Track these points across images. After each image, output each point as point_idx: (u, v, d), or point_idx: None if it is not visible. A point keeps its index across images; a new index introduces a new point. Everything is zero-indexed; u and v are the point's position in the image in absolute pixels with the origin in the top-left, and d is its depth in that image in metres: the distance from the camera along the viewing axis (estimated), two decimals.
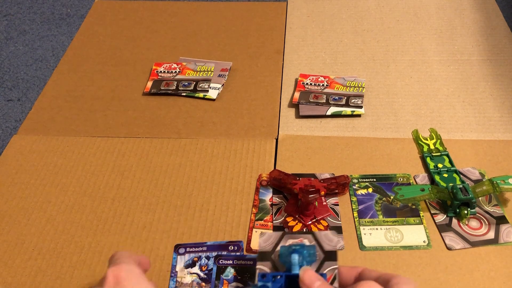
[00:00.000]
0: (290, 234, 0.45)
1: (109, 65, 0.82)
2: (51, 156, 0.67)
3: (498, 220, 0.57)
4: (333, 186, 0.59)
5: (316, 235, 0.45)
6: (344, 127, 0.69)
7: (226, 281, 0.52)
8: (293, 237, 0.45)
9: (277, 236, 0.45)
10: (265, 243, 0.45)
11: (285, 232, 0.46)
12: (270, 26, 0.89)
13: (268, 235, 0.45)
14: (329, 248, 0.44)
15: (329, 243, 0.44)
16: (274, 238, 0.45)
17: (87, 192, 0.62)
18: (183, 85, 0.76)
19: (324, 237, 0.45)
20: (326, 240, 0.45)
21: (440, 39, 0.84)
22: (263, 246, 0.45)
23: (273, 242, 0.45)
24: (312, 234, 0.45)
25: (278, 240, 0.45)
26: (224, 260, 0.53)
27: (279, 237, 0.45)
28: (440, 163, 0.62)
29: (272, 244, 0.45)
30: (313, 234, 0.45)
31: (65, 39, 1.24)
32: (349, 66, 0.79)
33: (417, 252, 0.54)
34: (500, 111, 0.70)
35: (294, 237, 0.45)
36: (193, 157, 0.65)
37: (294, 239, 0.45)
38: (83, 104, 0.75)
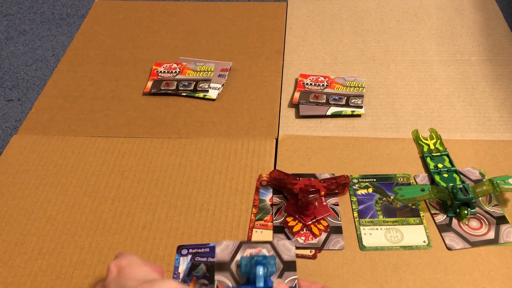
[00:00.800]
0: (248, 243, 0.45)
1: (109, 65, 0.82)
2: (51, 156, 0.67)
3: (498, 220, 0.57)
4: (333, 186, 0.59)
5: (274, 244, 0.44)
6: (344, 127, 0.69)
7: (194, 277, 0.51)
8: (251, 246, 0.44)
9: (234, 245, 0.45)
10: (222, 252, 0.44)
11: (242, 242, 0.45)
12: (270, 26, 0.89)
13: (225, 244, 0.45)
14: (288, 258, 0.44)
15: (287, 253, 0.44)
16: (231, 248, 0.45)
17: (87, 192, 0.62)
18: (183, 85, 0.76)
19: (282, 246, 0.44)
20: (284, 250, 0.44)
21: (440, 39, 0.84)
22: (220, 256, 0.44)
23: (231, 251, 0.44)
24: (270, 244, 0.44)
25: (236, 250, 0.44)
26: (200, 257, 0.52)
27: (236, 246, 0.45)
28: (440, 163, 0.62)
29: (230, 253, 0.44)
30: (271, 243, 0.45)
31: (65, 39, 1.25)
32: (349, 66, 0.79)
33: (417, 252, 0.54)
34: (500, 111, 0.70)
35: (252, 246, 0.45)
36: (193, 157, 0.65)
37: (252, 249, 0.44)
38: (83, 104, 0.75)
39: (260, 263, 0.42)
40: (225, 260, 0.44)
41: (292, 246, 0.45)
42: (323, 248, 0.55)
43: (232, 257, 0.44)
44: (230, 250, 0.45)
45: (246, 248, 0.45)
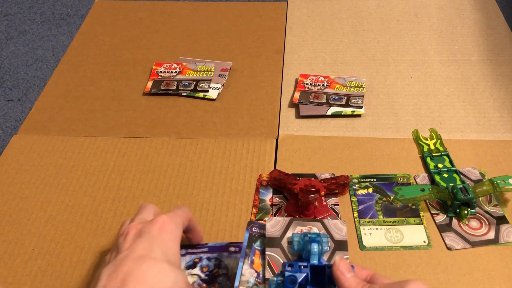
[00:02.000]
0: (299, 220, 0.44)
1: (109, 65, 0.82)
2: (51, 156, 0.67)
3: (498, 220, 0.57)
4: (333, 186, 0.59)
5: (325, 223, 0.44)
6: (344, 127, 0.69)
7: (257, 251, 0.48)
8: (302, 223, 0.44)
9: (285, 222, 0.44)
10: (272, 228, 0.44)
11: (293, 218, 0.45)
12: (270, 26, 0.89)
13: (276, 220, 0.44)
14: (339, 238, 0.44)
15: (339, 232, 0.44)
16: (282, 224, 0.44)
17: (87, 192, 0.62)
18: (183, 85, 0.76)
19: (333, 225, 0.44)
20: (335, 229, 0.44)
21: (441, 39, 0.84)
22: (271, 232, 0.44)
23: (281, 228, 0.44)
24: (321, 222, 0.44)
25: (287, 226, 0.44)
26: (257, 228, 0.49)
27: (287, 223, 0.44)
28: (440, 163, 0.62)
29: (280, 230, 0.44)
30: (321, 222, 0.45)
31: (65, 39, 1.25)
32: (349, 66, 0.79)
33: (417, 252, 0.54)
34: (500, 111, 0.70)
35: (303, 224, 0.44)
36: (193, 157, 0.65)
37: (303, 226, 0.44)
38: (83, 104, 0.75)
39: (314, 240, 0.41)
40: (276, 236, 0.44)
41: (343, 226, 0.45)
42: None
43: (282, 233, 0.44)
44: (280, 226, 0.45)
45: (296, 225, 0.45)
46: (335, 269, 0.39)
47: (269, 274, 0.42)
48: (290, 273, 0.40)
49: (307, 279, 0.41)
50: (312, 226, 0.44)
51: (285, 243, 0.44)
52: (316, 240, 0.42)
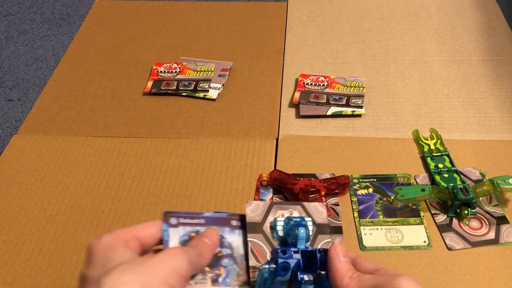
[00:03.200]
0: (278, 204, 0.43)
1: (109, 65, 0.82)
2: (51, 156, 0.67)
3: (498, 220, 0.56)
4: (333, 186, 0.59)
5: (305, 206, 0.43)
6: (345, 127, 0.69)
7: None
8: (282, 207, 0.43)
9: (265, 206, 0.42)
10: (253, 213, 0.42)
11: (273, 202, 0.43)
12: (270, 26, 0.89)
13: (256, 204, 0.42)
14: (320, 221, 0.42)
15: (319, 215, 0.42)
16: (262, 208, 0.42)
17: (87, 192, 0.62)
18: (183, 85, 0.76)
19: (313, 209, 0.43)
20: (316, 212, 0.42)
21: (441, 39, 0.84)
22: (251, 217, 0.42)
23: (262, 212, 0.42)
24: (301, 205, 0.43)
25: (267, 211, 0.42)
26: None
27: (267, 207, 0.42)
28: (440, 163, 0.62)
29: (261, 214, 0.42)
30: (302, 205, 0.43)
31: (66, 39, 1.25)
32: (349, 66, 0.79)
33: (417, 252, 0.54)
34: (501, 111, 0.70)
35: (283, 207, 0.43)
36: (193, 157, 0.65)
37: (284, 210, 0.42)
38: (84, 104, 0.75)
39: (300, 224, 0.40)
40: (257, 221, 0.42)
41: (323, 209, 0.43)
42: None
43: (263, 218, 0.42)
44: (261, 211, 0.43)
45: (277, 209, 0.43)
46: (332, 249, 0.37)
47: (253, 262, 0.40)
48: (283, 260, 0.38)
49: (298, 265, 0.39)
50: (293, 210, 0.43)
51: (267, 229, 0.42)
52: (302, 224, 0.40)
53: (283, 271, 0.38)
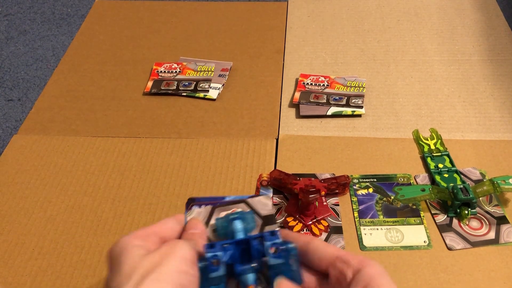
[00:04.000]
0: (221, 206, 0.42)
1: (109, 65, 0.82)
2: (51, 156, 0.67)
3: (498, 220, 0.56)
4: (333, 186, 0.59)
5: (249, 202, 0.42)
6: (345, 127, 0.69)
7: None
8: (225, 208, 0.42)
9: (207, 211, 0.41)
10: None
11: (214, 206, 0.42)
12: (270, 26, 0.89)
13: (197, 212, 0.41)
14: (266, 213, 0.41)
15: (264, 207, 0.42)
16: (204, 214, 0.41)
17: (87, 192, 0.62)
18: (183, 85, 0.76)
19: (258, 203, 0.42)
20: (261, 206, 0.42)
21: (441, 39, 0.84)
22: None
23: (204, 217, 0.41)
24: (244, 203, 0.42)
25: (209, 215, 0.41)
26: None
27: (209, 211, 0.41)
28: (440, 163, 0.62)
29: (203, 220, 0.41)
30: (245, 202, 0.42)
31: (66, 39, 1.25)
32: (349, 66, 0.79)
33: (417, 252, 0.54)
34: (501, 111, 0.70)
35: (226, 208, 0.42)
36: (193, 157, 0.65)
37: (227, 210, 0.41)
38: (84, 104, 0.75)
39: (237, 218, 0.39)
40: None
41: (268, 201, 0.42)
42: None
43: (206, 222, 0.41)
44: (203, 217, 0.42)
45: (220, 212, 0.42)
46: None
47: None
48: (212, 254, 0.36)
49: (234, 258, 0.37)
50: (236, 208, 0.42)
51: (209, 232, 0.41)
52: (239, 217, 0.39)
53: (214, 266, 0.36)
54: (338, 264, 0.36)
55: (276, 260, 0.37)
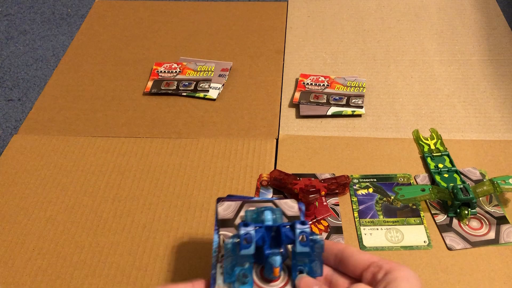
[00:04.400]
0: (250, 202, 0.44)
1: (109, 65, 0.82)
2: (51, 156, 0.67)
3: (498, 221, 0.56)
4: (333, 186, 0.59)
5: (276, 203, 0.44)
6: (345, 127, 0.69)
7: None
8: (254, 205, 0.44)
9: (237, 205, 0.44)
10: (225, 211, 0.44)
11: (244, 201, 0.44)
12: (270, 26, 0.89)
13: (228, 204, 0.44)
14: (292, 214, 0.43)
15: (291, 209, 0.44)
16: (234, 207, 0.44)
17: (87, 192, 0.62)
18: (183, 85, 0.76)
19: (284, 204, 0.44)
20: (287, 207, 0.44)
21: (441, 39, 0.84)
22: (223, 214, 0.43)
23: (233, 210, 0.44)
24: (272, 202, 0.44)
25: (239, 209, 0.44)
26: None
27: (239, 206, 0.44)
28: (440, 163, 0.62)
29: (233, 212, 0.44)
30: (273, 202, 0.44)
31: (66, 39, 1.25)
32: (349, 66, 0.79)
33: (417, 252, 0.54)
34: (501, 111, 0.70)
35: (255, 205, 0.44)
36: (194, 157, 0.65)
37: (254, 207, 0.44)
38: (84, 104, 0.75)
39: (267, 209, 0.41)
40: (229, 217, 0.43)
41: (294, 204, 0.44)
42: None
43: (235, 214, 0.43)
44: (233, 209, 0.44)
45: (248, 207, 0.44)
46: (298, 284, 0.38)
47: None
48: (245, 231, 0.38)
49: (264, 240, 0.39)
50: (264, 205, 0.44)
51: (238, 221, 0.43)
52: (269, 208, 0.42)
53: (246, 244, 0.38)
54: (371, 268, 0.37)
55: (303, 248, 0.38)
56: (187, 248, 0.55)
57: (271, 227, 0.40)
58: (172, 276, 0.53)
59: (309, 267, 0.40)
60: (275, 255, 0.39)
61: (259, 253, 0.39)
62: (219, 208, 0.44)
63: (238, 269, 0.39)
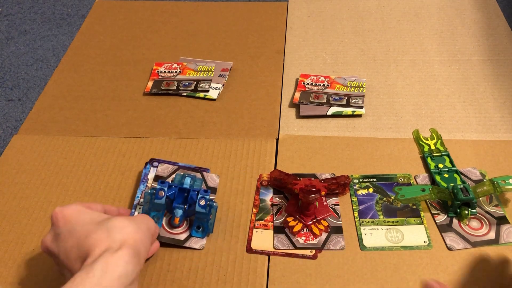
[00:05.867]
0: (184, 168, 0.61)
1: (109, 65, 0.82)
2: (51, 156, 0.67)
3: (498, 221, 0.56)
4: (333, 186, 0.59)
5: (204, 175, 0.61)
6: (345, 127, 0.69)
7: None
8: (186, 171, 0.61)
9: (173, 168, 0.61)
10: (163, 171, 0.61)
11: (179, 166, 0.61)
12: (270, 26, 0.89)
13: (166, 166, 0.61)
14: (212, 185, 0.61)
15: (212, 181, 0.61)
16: (170, 169, 0.61)
17: (87, 192, 0.62)
18: (183, 85, 0.76)
19: (209, 177, 0.61)
20: (211, 180, 0.61)
21: (441, 39, 0.84)
22: (160, 172, 0.61)
23: (169, 171, 0.61)
24: (200, 173, 0.61)
25: (174, 171, 0.61)
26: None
27: (174, 169, 0.61)
28: (440, 163, 0.62)
29: (168, 173, 0.61)
30: (201, 173, 0.61)
31: (66, 39, 1.25)
32: (349, 66, 0.79)
33: (417, 252, 0.54)
34: (501, 111, 0.70)
35: (187, 171, 0.61)
36: (194, 157, 0.65)
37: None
38: (84, 104, 0.75)
39: (189, 176, 0.57)
40: (163, 175, 0.61)
41: (217, 178, 0.61)
42: (323, 248, 0.55)
43: (169, 174, 0.61)
44: (169, 170, 0.61)
45: (181, 172, 0.60)
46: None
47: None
48: (160, 187, 0.54)
49: (175, 197, 0.55)
50: (194, 174, 0.61)
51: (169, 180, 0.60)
52: (191, 176, 0.57)
53: (159, 195, 0.54)
54: None
55: (201, 209, 0.54)
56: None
57: (184, 189, 0.55)
58: (171, 276, 0.53)
59: (206, 225, 0.55)
60: (179, 209, 0.55)
61: (171, 205, 0.55)
62: (159, 168, 0.61)
63: (153, 213, 0.55)
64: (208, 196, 0.54)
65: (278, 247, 0.55)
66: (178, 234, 0.56)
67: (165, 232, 0.55)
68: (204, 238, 0.55)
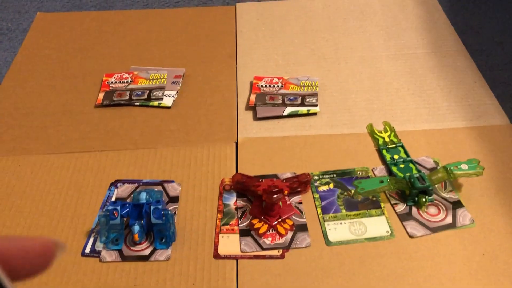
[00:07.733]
0: (144, 185, 0.61)
1: (57, 79, 0.79)
2: (2, 178, 0.64)
3: (454, 205, 0.59)
4: (295, 184, 0.59)
5: (165, 186, 0.61)
6: (302, 126, 0.70)
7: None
8: (146, 187, 0.61)
9: (133, 187, 0.61)
10: (122, 192, 0.61)
11: (139, 185, 0.61)
12: (220, 31, 0.89)
13: (126, 186, 0.61)
14: (173, 194, 0.60)
15: (174, 191, 0.61)
16: (130, 189, 0.61)
17: (44, 212, 0.59)
18: (136, 94, 0.74)
19: (171, 187, 0.61)
20: (172, 189, 0.61)
21: (387, 35, 0.87)
22: (120, 194, 0.61)
23: (129, 191, 0.61)
24: (161, 185, 0.61)
25: (134, 190, 0.61)
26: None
27: (134, 188, 0.61)
28: (396, 155, 0.64)
29: (128, 192, 0.61)
30: (162, 185, 0.61)
31: (8, 54, 1.19)
32: (301, 66, 0.81)
33: (381, 242, 0.55)
34: (448, 100, 0.73)
35: (146, 187, 0.61)
36: (152, 168, 0.64)
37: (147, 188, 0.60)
38: (33, 121, 0.72)
39: (143, 191, 0.57)
40: (123, 196, 0.60)
41: (178, 187, 0.61)
42: (290, 247, 0.55)
43: (129, 194, 0.60)
44: (129, 190, 0.61)
45: (142, 189, 0.60)
46: None
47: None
48: (112, 207, 0.54)
49: (129, 214, 0.55)
50: (154, 188, 0.61)
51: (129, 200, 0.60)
52: (146, 190, 0.57)
53: (113, 216, 0.54)
54: None
55: (157, 220, 0.54)
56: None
57: (138, 204, 0.55)
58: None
59: (168, 235, 0.55)
60: (134, 225, 0.54)
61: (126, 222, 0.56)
62: (119, 189, 0.61)
63: (113, 234, 0.55)
64: (160, 206, 0.54)
65: (246, 250, 0.55)
66: (142, 250, 0.55)
67: (129, 251, 0.55)
68: (169, 248, 0.55)
